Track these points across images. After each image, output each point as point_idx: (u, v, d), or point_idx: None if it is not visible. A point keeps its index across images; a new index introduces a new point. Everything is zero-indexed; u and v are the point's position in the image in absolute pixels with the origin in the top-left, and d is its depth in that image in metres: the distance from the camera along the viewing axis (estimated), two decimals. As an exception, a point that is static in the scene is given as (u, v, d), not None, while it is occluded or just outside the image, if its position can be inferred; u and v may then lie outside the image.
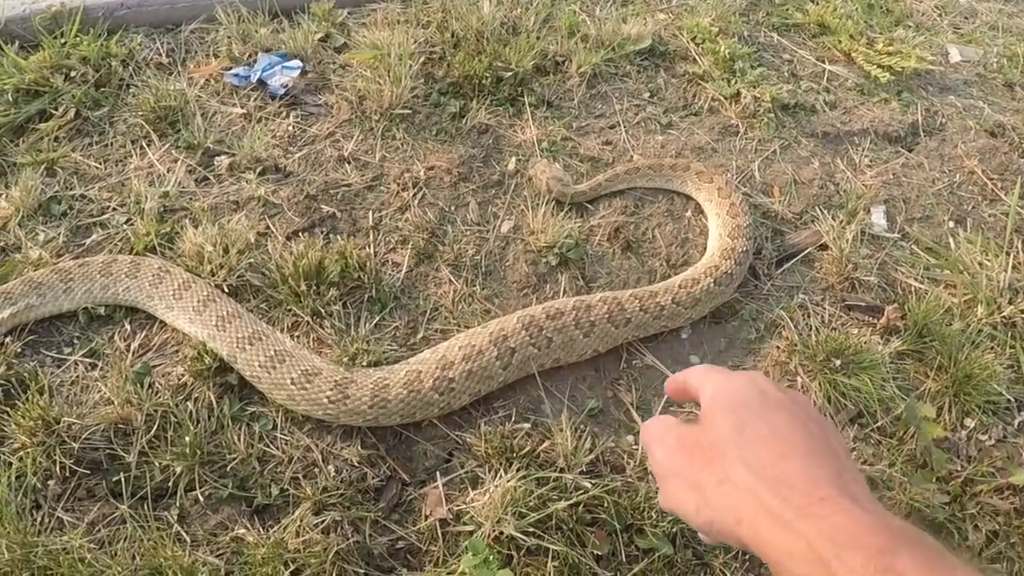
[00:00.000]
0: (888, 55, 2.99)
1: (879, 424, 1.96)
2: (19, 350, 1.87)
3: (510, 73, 2.61)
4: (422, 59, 2.62)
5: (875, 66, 2.94)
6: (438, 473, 1.79)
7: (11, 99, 2.37)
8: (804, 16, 3.21)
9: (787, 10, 3.24)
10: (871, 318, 2.18)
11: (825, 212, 2.41)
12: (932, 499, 1.84)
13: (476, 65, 2.57)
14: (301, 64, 2.59)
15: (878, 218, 2.45)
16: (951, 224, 2.51)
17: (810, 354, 2.02)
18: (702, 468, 0.96)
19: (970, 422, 2.03)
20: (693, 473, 0.97)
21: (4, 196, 2.16)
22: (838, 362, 1.99)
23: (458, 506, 1.73)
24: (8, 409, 1.74)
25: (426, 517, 1.73)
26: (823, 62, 3.01)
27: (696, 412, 1.10)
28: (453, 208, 2.28)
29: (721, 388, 1.03)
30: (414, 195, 2.28)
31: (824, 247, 2.32)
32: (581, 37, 2.83)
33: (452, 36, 2.72)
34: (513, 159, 2.42)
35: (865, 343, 2.06)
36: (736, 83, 2.74)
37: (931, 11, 3.49)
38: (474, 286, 2.11)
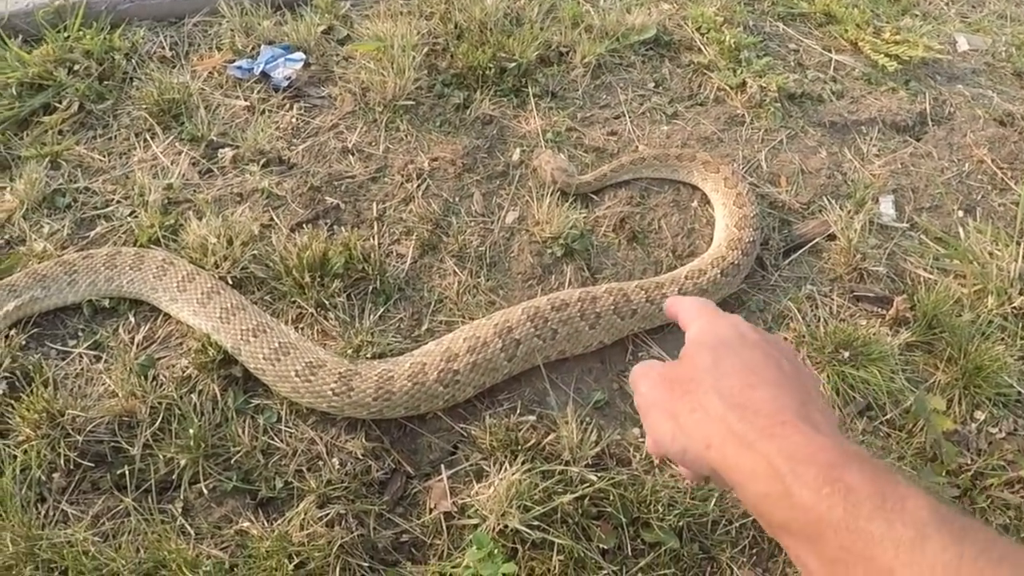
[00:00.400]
0: (895, 44, 2.96)
1: (888, 417, 1.95)
2: (24, 343, 1.87)
3: (514, 64, 2.59)
4: (425, 50, 2.61)
5: (882, 55, 2.91)
6: (443, 466, 1.78)
7: (15, 93, 2.37)
8: (810, 5, 3.18)
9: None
10: (880, 309, 2.16)
11: (833, 202, 2.39)
12: (942, 492, 1.83)
13: (480, 56, 2.56)
14: (304, 56, 2.58)
15: (887, 208, 2.43)
16: (960, 214, 2.48)
17: (818, 345, 2.01)
18: (679, 398, 1.02)
19: (980, 415, 2.01)
20: (671, 403, 1.03)
21: (9, 189, 2.16)
22: (846, 354, 1.98)
23: (463, 499, 1.72)
24: (13, 402, 1.73)
25: (430, 510, 1.72)
26: (830, 51, 2.99)
27: None
28: (457, 199, 2.27)
29: (703, 329, 1.10)
30: (418, 186, 2.26)
31: (832, 237, 2.30)
32: (585, 27, 2.81)
33: (455, 27, 2.70)
34: (518, 150, 2.41)
35: (874, 334, 2.05)
36: (742, 73, 2.72)
37: (939, 0, 3.46)
38: (479, 277, 2.10)
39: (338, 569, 1.58)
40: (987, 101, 2.91)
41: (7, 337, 1.85)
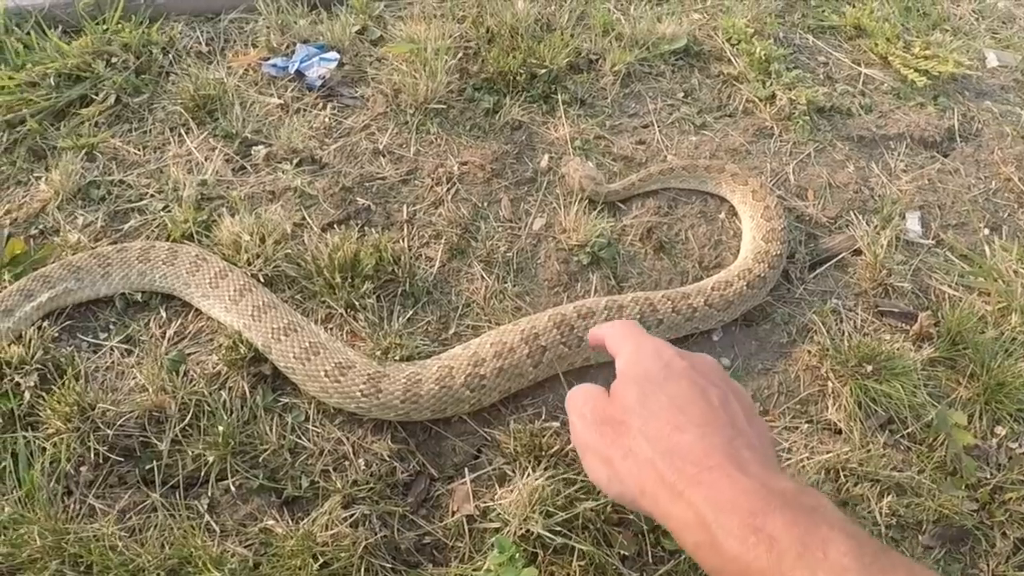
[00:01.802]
0: (925, 59, 2.96)
1: (909, 430, 1.95)
2: (56, 334, 1.89)
3: (544, 70, 2.60)
4: (459, 55, 2.62)
5: (912, 70, 2.91)
6: (466, 469, 1.80)
7: (53, 83, 2.39)
8: (840, 18, 3.18)
9: (823, 12, 3.21)
10: (904, 324, 2.16)
11: (860, 217, 2.39)
12: (961, 506, 1.84)
13: (510, 61, 2.57)
14: (338, 56, 2.60)
15: (913, 224, 2.43)
16: (986, 231, 2.48)
17: (842, 359, 2.01)
18: (611, 442, 1.04)
19: (1001, 430, 2.02)
20: (604, 447, 1.05)
21: (44, 179, 2.18)
22: (870, 368, 1.98)
23: (485, 503, 1.73)
24: (44, 394, 1.75)
25: (453, 513, 1.73)
26: (859, 65, 2.99)
27: None
28: (486, 204, 2.28)
29: (629, 361, 1.12)
30: (448, 190, 2.28)
31: (858, 252, 2.30)
32: (615, 35, 2.81)
33: (487, 31, 2.71)
34: (546, 156, 2.42)
35: (897, 349, 2.05)
36: (771, 85, 2.72)
37: (969, 15, 3.45)
38: (505, 283, 2.11)
39: (362, 570, 1.60)
40: (1015, 118, 2.90)
41: (40, 328, 1.87)
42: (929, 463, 1.90)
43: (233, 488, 1.70)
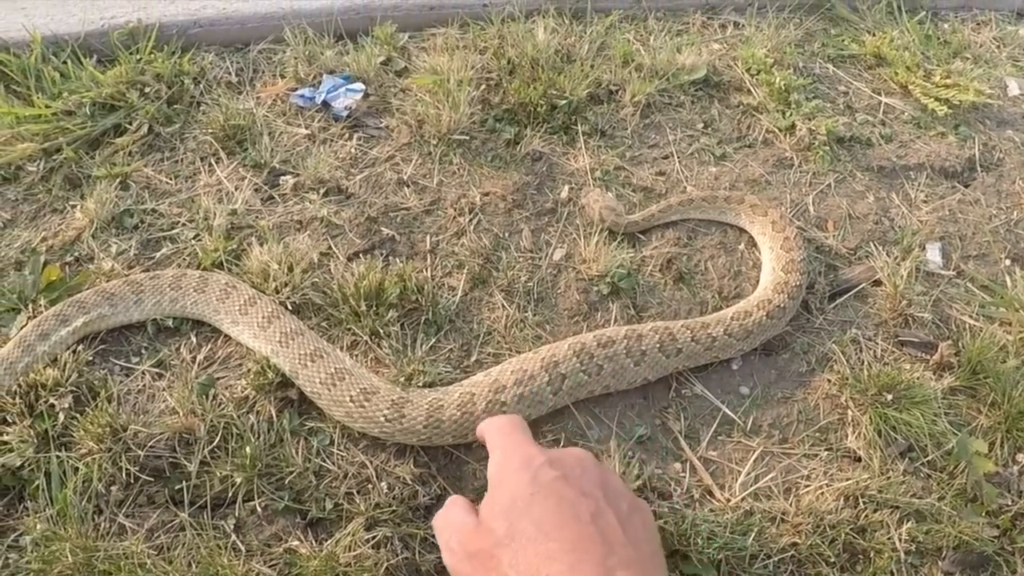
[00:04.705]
0: (946, 88, 2.97)
1: (929, 458, 1.95)
2: (90, 358, 1.95)
3: (564, 101, 2.64)
4: (481, 86, 2.67)
5: (932, 99, 2.92)
6: (486, 494, 1.82)
7: (88, 112, 2.47)
8: (860, 47, 3.20)
9: (843, 41, 3.24)
10: (924, 354, 2.17)
11: (880, 248, 2.40)
12: (981, 532, 1.84)
13: (531, 92, 2.62)
14: (364, 87, 2.66)
15: (933, 255, 2.44)
16: (1007, 262, 2.48)
17: (861, 388, 2.02)
18: None
19: (1022, 457, 2.02)
20: None
21: (79, 207, 2.25)
22: (889, 396, 1.99)
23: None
24: (77, 415, 1.80)
25: (474, 537, 1.76)
26: (879, 94, 3.01)
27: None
28: (507, 234, 2.32)
29: (497, 473, 1.10)
30: (470, 220, 2.32)
31: (878, 283, 2.31)
32: (635, 66, 2.85)
33: (508, 63, 2.76)
34: (566, 187, 2.46)
35: (918, 378, 2.05)
36: (791, 115, 2.75)
37: (989, 43, 3.46)
38: (526, 312, 2.15)
39: (383, 592, 1.63)
40: (1037, 148, 2.91)
41: (74, 352, 1.93)
42: (949, 490, 1.90)
43: (259, 509, 1.74)
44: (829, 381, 2.08)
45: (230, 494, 1.76)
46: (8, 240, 2.19)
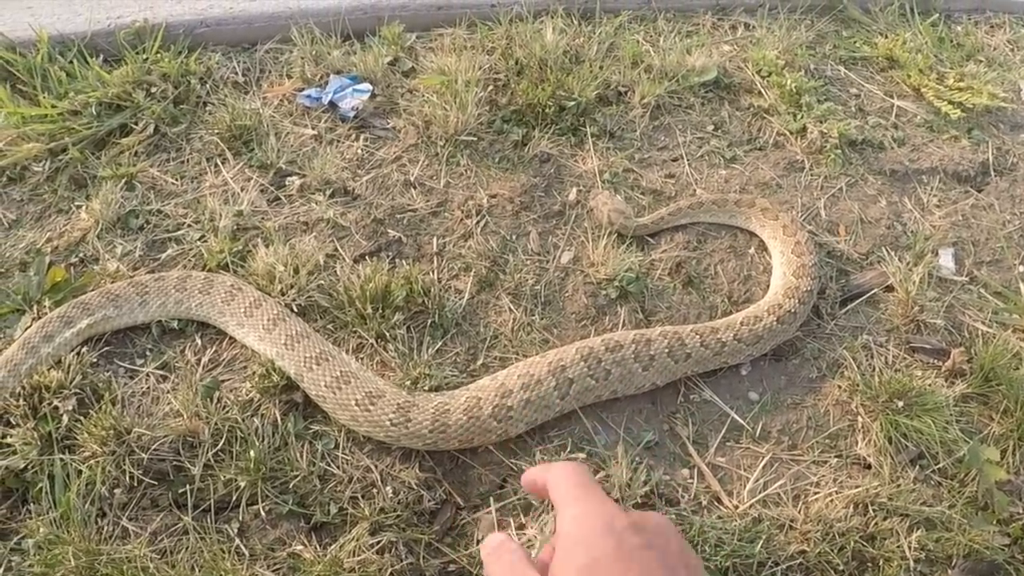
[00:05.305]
0: (959, 91, 2.94)
1: (941, 466, 1.93)
2: (94, 360, 1.94)
3: (572, 102, 2.62)
4: (489, 87, 2.65)
5: (945, 102, 2.90)
6: (491, 498, 1.81)
7: (94, 112, 2.46)
8: (872, 49, 3.17)
9: (855, 43, 3.21)
10: (936, 360, 2.14)
11: (892, 253, 2.37)
12: (992, 541, 1.82)
13: (539, 93, 2.60)
14: (371, 87, 2.64)
15: (946, 261, 2.41)
16: (1021, 268, 2.46)
17: (872, 394, 2.00)
18: None
19: (1034, 465, 1.99)
20: None
21: (85, 208, 2.24)
22: (901, 403, 1.97)
23: (510, 532, 1.74)
24: (81, 418, 1.79)
25: (478, 541, 1.74)
26: (891, 97, 2.98)
27: None
28: (514, 237, 2.30)
29: (573, 532, 0.99)
30: (477, 223, 2.31)
31: (890, 288, 2.29)
32: (645, 68, 2.84)
33: (516, 63, 2.75)
34: (574, 189, 2.44)
35: (929, 385, 2.03)
36: (802, 117, 2.72)
37: (1003, 46, 3.43)
38: (533, 315, 2.13)
39: (388, 598, 1.62)
40: (1051, 153, 2.87)
41: (79, 354, 1.92)
42: (960, 498, 1.88)
43: (263, 513, 1.73)
44: (839, 387, 2.06)
45: (234, 498, 1.75)
46: (13, 241, 2.18)
